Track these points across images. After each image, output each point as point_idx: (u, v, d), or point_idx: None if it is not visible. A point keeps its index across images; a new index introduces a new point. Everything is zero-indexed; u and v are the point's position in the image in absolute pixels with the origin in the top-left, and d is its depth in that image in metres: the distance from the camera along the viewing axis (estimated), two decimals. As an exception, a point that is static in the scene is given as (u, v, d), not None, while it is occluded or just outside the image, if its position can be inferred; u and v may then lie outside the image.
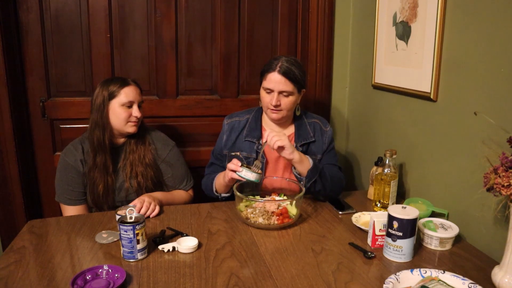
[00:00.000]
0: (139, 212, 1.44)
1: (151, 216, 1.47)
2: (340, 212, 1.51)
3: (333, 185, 1.58)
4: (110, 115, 1.61)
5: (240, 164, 1.44)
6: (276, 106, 1.57)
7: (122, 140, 1.69)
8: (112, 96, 1.60)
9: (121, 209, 1.35)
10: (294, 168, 1.54)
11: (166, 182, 1.75)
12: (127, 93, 1.60)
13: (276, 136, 1.44)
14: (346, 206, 1.56)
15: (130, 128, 1.63)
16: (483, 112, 1.23)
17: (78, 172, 1.63)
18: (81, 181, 1.64)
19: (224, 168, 1.70)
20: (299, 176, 1.55)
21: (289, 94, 1.56)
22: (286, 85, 1.54)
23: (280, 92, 1.55)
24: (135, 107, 1.62)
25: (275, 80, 1.54)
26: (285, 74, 1.53)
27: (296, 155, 1.48)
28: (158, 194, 1.63)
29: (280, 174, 1.67)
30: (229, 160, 1.65)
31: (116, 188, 1.66)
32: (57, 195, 1.66)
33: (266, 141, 1.47)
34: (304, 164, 1.52)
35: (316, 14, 2.06)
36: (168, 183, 1.75)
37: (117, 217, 1.25)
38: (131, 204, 1.46)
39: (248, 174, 1.41)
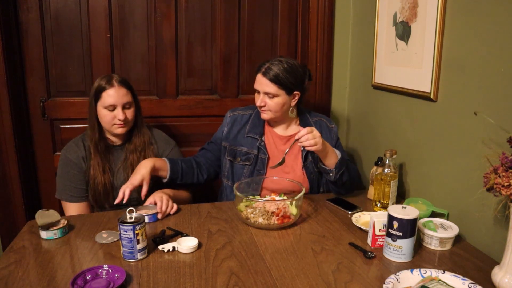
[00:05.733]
0: (160, 210, 1.44)
1: (171, 213, 1.47)
2: (350, 212, 1.51)
3: (355, 176, 1.64)
4: (98, 117, 1.62)
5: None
6: (260, 106, 1.61)
7: (119, 139, 1.69)
8: (97, 98, 1.60)
9: (140, 209, 1.40)
10: (320, 160, 1.55)
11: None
12: (109, 95, 1.58)
13: (312, 140, 1.42)
14: (353, 206, 1.56)
15: (117, 130, 1.62)
16: (483, 112, 1.22)
17: (80, 169, 1.64)
18: (83, 177, 1.64)
19: (214, 155, 1.73)
20: (327, 168, 1.55)
21: (274, 95, 1.59)
22: (269, 87, 1.57)
23: (265, 93, 1.59)
24: (118, 109, 1.59)
25: (259, 81, 1.60)
26: (269, 76, 1.56)
27: (324, 151, 1.49)
28: (169, 191, 1.61)
29: (287, 170, 1.67)
30: (229, 153, 1.68)
31: (118, 186, 1.66)
32: (58, 192, 1.66)
33: (297, 139, 1.44)
34: (331, 157, 1.52)
35: (316, 14, 2.06)
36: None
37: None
38: (150, 204, 1.47)
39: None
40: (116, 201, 1.42)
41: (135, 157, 1.67)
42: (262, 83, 1.58)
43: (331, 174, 1.55)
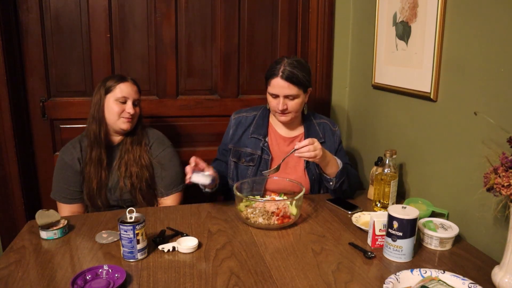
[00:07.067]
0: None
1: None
2: (350, 212, 1.51)
3: (355, 183, 1.64)
4: (105, 110, 1.62)
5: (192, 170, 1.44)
6: (283, 110, 1.58)
7: (118, 138, 1.70)
8: (108, 90, 1.62)
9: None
10: (321, 168, 1.54)
11: (156, 182, 1.71)
12: (122, 89, 1.62)
13: (312, 152, 1.40)
14: (353, 206, 1.56)
15: (123, 124, 1.63)
16: (483, 112, 1.23)
17: (75, 171, 1.64)
18: (77, 180, 1.65)
19: (227, 163, 1.73)
20: (327, 177, 1.55)
21: (295, 97, 1.57)
22: (290, 89, 1.55)
23: (285, 97, 1.56)
24: (129, 103, 1.63)
25: (278, 85, 1.55)
26: (288, 79, 1.53)
27: (324, 161, 1.48)
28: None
29: (288, 171, 1.67)
30: (234, 155, 1.69)
31: (112, 187, 1.66)
32: (52, 193, 1.68)
33: (296, 149, 1.42)
34: (332, 166, 1.52)
35: (316, 14, 2.06)
36: (157, 183, 1.71)
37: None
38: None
39: (199, 178, 1.42)
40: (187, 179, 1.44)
41: (131, 156, 1.66)
42: (283, 87, 1.54)
43: (331, 183, 1.54)
